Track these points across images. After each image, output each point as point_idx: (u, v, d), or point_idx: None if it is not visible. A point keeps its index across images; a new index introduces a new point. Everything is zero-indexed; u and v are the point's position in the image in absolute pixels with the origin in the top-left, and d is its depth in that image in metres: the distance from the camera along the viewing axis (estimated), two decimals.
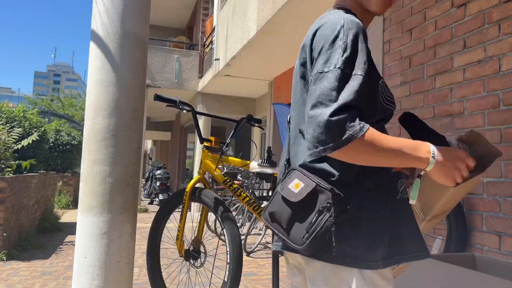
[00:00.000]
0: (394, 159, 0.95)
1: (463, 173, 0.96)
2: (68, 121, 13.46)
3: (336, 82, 0.95)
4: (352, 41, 0.99)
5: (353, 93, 0.94)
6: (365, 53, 1.00)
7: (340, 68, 0.96)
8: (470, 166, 0.98)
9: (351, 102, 0.93)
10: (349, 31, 1.00)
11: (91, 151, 1.99)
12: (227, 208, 2.33)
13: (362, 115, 0.96)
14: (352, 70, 0.97)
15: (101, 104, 1.99)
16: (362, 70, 0.97)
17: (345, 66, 0.97)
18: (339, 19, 1.03)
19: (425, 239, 1.11)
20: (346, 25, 1.01)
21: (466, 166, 0.97)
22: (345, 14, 1.05)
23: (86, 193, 1.99)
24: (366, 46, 1.01)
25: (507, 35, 1.90)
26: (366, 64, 0.98)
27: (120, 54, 2.02)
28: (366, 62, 0.98)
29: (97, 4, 2.04)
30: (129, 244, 2.05)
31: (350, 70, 0.97)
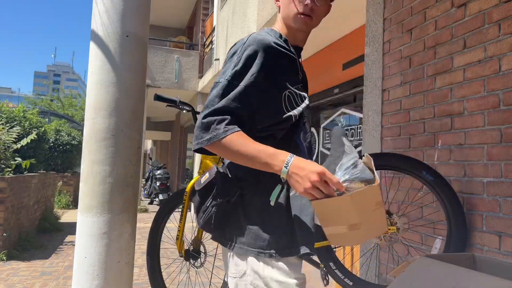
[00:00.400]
0: (250, 162, 1.09)
1: (311, 184, 1.01)
2: (68, 121, 13.46)
3: (221, 91, 1.12)
4: (247, 56, 1.13)
5: (228, 100, 1.10)
6: (259, 66, 1.12)
7: (228, 80, 1.12)
8: (329, 182, 1.01)
9: (224, 108, 1.10)
10: (248, 47, 1.14)
11: (91, 151, 1.99)
12: None
13: (260, 122, 1.15)
14: (239, 82, 1.12)
15: (101, 104, 1.99)
16: (246, 82, 1.12)
17: (233, 77, 1.12)
18: (246, 38, 1.18)
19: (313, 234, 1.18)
20: (247, 42, 1.15)
21: (322, 180, 1.01)
22: (256, 33, 1.19)
23: (86, 193, 1.99)
24: (265, 61, 1.13)
25: (507, 35, 1.90)
26: (254, 77, 1.12)
27: (120, 54, 2.02)
28: (257, 74, 1.12)
29: (97, 4, 2.04)
30: (129, 244, 2.05)
31: (238, 81, 1.12)
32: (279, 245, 1.14)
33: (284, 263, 1.15)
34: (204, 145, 1.10)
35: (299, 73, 1.27)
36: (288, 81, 1.19)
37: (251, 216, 1.17)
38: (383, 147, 2.74)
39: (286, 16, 1.24)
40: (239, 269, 1.18)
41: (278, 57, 1.17)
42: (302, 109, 1.21)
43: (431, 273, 1.13)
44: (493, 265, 1.27)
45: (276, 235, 1.15)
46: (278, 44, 1.18)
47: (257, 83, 1.13)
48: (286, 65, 1.20)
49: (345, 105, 6.13)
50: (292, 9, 1.21)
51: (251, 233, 1.16)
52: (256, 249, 1.14)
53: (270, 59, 1.15)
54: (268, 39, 1.16)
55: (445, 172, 2.19)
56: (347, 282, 2.14)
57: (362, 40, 3.33)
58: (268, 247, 1.14)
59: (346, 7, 4.45)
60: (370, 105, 2.90)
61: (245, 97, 1.11)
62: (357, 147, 5.58)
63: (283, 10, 1.25)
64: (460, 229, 1.95)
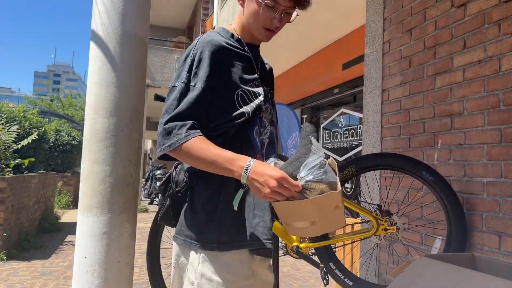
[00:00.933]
0: (209, 167, 1.10)
1: (270, 189, 1.01)
2: (68, 121, 13.46)
3: (178, 94, 1.14)
4: (199, 58, 1.16)
5: (188, 104, 1.12)
6: (211, 67, 1.15)
7: (184, 82, 1.15)
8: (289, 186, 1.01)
9: (183, 112, 1.11)
10: (199, 49, 1.17)
11: (91, 151, 1.99)
12: None
13: (213, 120, 1.16)
14: (195, 84, 1.14)
15: (101, 104, 1.99)
16: (202, 83, 1.14)
17: (188, 80, 1.15)
18: (196, 40, 1.20)
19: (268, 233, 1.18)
20: (198, 44, 1.18)
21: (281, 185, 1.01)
22: (206, 34, 1.21)
23: (86, 193, 1.99)
24: (216, 62, 1.16)
25: (507, 35, 1.90)
26: (208, 78, 1.14)
27: (120, 54, 2.02)
28: (210, 75, 1.14)
29: (97, 4, 2.04)
30: (129, 244, 2.05)
31: (194, 84, 1.14)
32: (222, 239, 1.14)
33: (224, 260, 1.14)
34: (167, 151, 1.11)
35: (255, 70, 1.27)
36: (240, 80, 1.20)
37: (197, 209, 1.18)
38: (383, 147, 2.74)
39: (249, 23, 1.23)
40: (181, 260, 1.23)
41: (229, 57, 1.19)
42: (255, 105, 1.21)
43: (431, 273, 1.13)
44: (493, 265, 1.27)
45: (219, 229, 1.15)
46: (229, 44, 1.20)
47: (210, 83, 1.15)
48: (238, 65, 1.21)
49: (345, 105, 6.13)
50: (258, 21, 1.21)
51: (195, 226, 1.17)
52: (198, 243, 1.15)
53: (221, 59, 1.17)
54: (217, 39, 1.18)
55: (445, 172, 2.19)
56: (347, 282, 2.14)
57: (362, 40, 3.33)
58: (210, 241, 1.14)
59: (346, 7, 4.45)
60: (370, 105, 2.90)
61: (202, 98, 1.14)
62: (357, 147, 5.58)
63: (247, 15, 1.23)
64: (460, 229, 1.95)
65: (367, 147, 2.90)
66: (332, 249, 2.21)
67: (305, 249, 2.20)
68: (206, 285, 1.14)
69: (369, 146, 2.87)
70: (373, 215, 2.06)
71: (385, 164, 2.13)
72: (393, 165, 2.09)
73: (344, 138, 5.99)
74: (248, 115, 1.19)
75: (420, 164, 2.03)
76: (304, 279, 4.30)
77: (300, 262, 4.96)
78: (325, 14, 4.62)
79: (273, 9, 1.18)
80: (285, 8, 1.19)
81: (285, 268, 4.71)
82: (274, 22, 1.20)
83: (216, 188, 1.17)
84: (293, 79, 7.04)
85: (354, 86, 5.64)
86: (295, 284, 4.09)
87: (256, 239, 1.16)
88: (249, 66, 1.25)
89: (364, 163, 2.15)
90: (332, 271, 2.16)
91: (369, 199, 2.80)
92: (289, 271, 4.62)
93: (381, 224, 2.04)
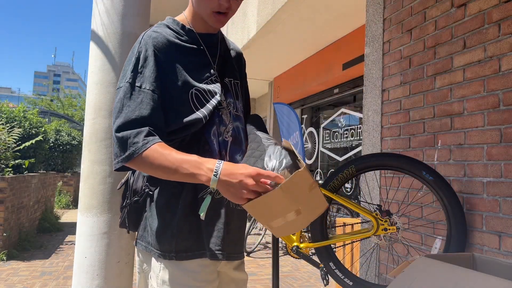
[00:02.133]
0: (173, 175, 1.00)
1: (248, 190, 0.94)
2: (68, 121, 13.46)
3: (123, 95, 1.03)
4: (144, 56, 1.05)
5: (138, 108, 1.01)
6: (157, 66, 1.04)
7: (129, 82, 1.04)
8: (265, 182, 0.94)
9: (135, 117, 1.00)
10: (143, 46, 1.06)
11: (91, 151, 1.99)
12: None
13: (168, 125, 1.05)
14: (141, 84, 1.03)
15: (101, 104, 1.99)
16: (151, 85, 1.03)
17: (133, 80, 1.04)
18: (141, 35, 1.10)
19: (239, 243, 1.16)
20: (143, 41, 1.07)
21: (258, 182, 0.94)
22: (152, 29, 1.11)
23: (86, 193, 1.99)
24: (161, 59, 1.05)
25: (507, 35, 1.90)
26: (155, 78, 1.04)
27: (120, 54, 2.02)
28: (155, 74, 1.04)
29: (97, 4, 2.04)
30: (129, 244, 2.05)
31: (140, 84, 1.04)
32: (180, 247, 1.08)
33: (185, 267, 1.09)
34: (124, 162, 1.01)
35: (211, 64, 1.15)
36: (193, 78, 1.09)
37: (155, 216, 1.10)
38: (383, 147, 2.74)
39: (198, 9, 1.12)
40: (144, 266, 1.17)
41: (177, 54, 1.09)
42: (212, 106, 1.11)
43: (431, 273, 1.13)
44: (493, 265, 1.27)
45: (177, 237, 1.08)
46: (178, 38, 1.10)
47: (157, 83, 1.05)
48: (189, 61, 1.10)
49: (345, 105, 6.13)
50: (205, 5, 1.09)
51: (153, 234, 1.10)
52: (157, 251, 1.09)
53: (167, 57, 1.07)
54: (163, 35, 1.08)
55: (445, 172, 2.19)
56: (347, 282, 2.14)
57: (362, 40, 3.33)
58: (169, 250, 1.08)
59: (346, 7, 4.45)
60: (370, 105, 2.90)
61: (153, 101, 1.03)
62: (357, 147, 5.59)
63: (194, 0, 1.12)
64: (460, 229, 1.95)
65: (367, 147, 2.90)
66: (332, 249, 2.21)
67: (305, 249, 2.20)
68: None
69: (369, 146, 2.87)
70: (373, 215, 2.07)
71: (385, 164, 2.13)
72: (393, 165, 2.10)
73: (344, 138, 5.99)
74: (205, 119, 1.09)
75: (420, 164, 2.03)
76: (304, 279, 4.30)
77: (300, 262, 4.96)
78: (325, 14, 4.62)
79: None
80: None
81: (285, 268, 4.71)
82: (222, 3, 1.08)
83: (175, 191, 1.09)
84: (293, 79, 7.04)
85: (354, 86, 5.64)
86: (295, 284, 4.09)
87: (217, 247, 1.10)
88: (203, 60, 1.13)
89: (364, 163, 2.15)
90: (332, 271, 2.16)
91: (369, 199, 2.80)
92: (289, 271, 4.62)
93: (381, 224, 2.05)
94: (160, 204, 1.10)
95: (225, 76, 1.19)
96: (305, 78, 6.63)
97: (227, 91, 1.18)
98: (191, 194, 1.09)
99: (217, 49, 1.19)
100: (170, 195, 1.10)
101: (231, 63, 1.24)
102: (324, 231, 2.18)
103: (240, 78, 1.27)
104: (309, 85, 6.48)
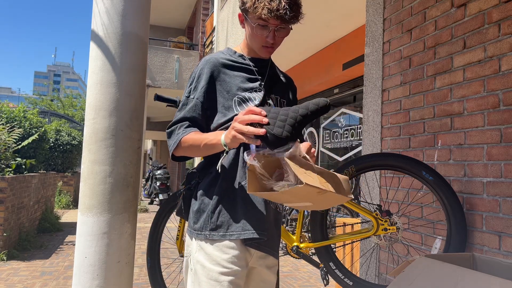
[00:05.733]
0: (203, 149, 1.25)
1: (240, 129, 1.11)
2: (68, 121, 13.46)
3: (181, 106, 1.36)
4: (198, 75, 1.35)
5: (185, 112, 1.32)
6: (208, 81, 1.32)
7: (186, 96, 1.36)
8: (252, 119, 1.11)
9: (182, 118, 1.32)
10: (199, 67, 1.36)
11: (91, 151, 1.99)
12: None
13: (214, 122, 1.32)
14: (194, 96, 1.34)
15: (101, 104, 1.99)
16: (198, 94, 1.33)
17: (189, 94, 1.36)
18: (202, 59, 1.40)
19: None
20: (200, 64, 1.37)
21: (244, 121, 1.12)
22: (208, 55, 1.40)
23: (86, 193, 1.99)
24: (211, 75, 1.33)
25: (507, 35, 1.90)
26: (204, 90, 1.32)
27: (120, 54, 2.02)
28: (207, 88, 1.32)
29: (97, 4, 2.04)
30: (129, 244, 2.05)
31: (193, 96, 1.34)
32: (213, 227, 1.26)
33: (219, 248, 1.24)
34: (173, 149, 1.30)
35: (258, 80, 1.39)
36: (238, 88, 1.34)
37: (196, 200, 1.32)
38: (383, 147, 2.74)
39: (251, 43, 1.39)
40: (188, 249, 1.32)
41: (226, 70, 1.35)
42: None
43: (431, 273, 1.13)
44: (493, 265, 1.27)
45: (211, 218, 1.26)
46: (228, 59, 1.37)
47: (207, 93, 1.32)
48: (237, 75, 1.36)
49: (345, 105, 6.13)
50: (256, 42, 1.36)
51: (193, 216, 1.31)
52: (194, 231, 1.28)
53: (216, 72, 1.34)
54: (215, 57, 1.36)
55: (445, 172, 2.19)
56: (347, 282, 2.14)
57: (362, 40, 3.33)
58: (204, 228, 1.27)
59: (346, 7, 4.46)
60: (370, 105, 2.90)
61: (198, 106, 1.32)
62: (357, 147, 5.58)
63: (247, 36, 1.40)
64: (460, 229, 1.95)
65: (367, 147, 2.90)
66: (332, 249, 2.21)
67: (305, 249, 2.20)
68: (200, 271, 1.24)
69: (369, 146, 2.88)
70: (373, 215, 2.07)
71: (385, 164, 2.13)
72: (393, 165, 2.10)
73: (344, 138, 5.99)
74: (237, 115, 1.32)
75: (420, 164, 2.03)
76: (304, 279, 4.30)
77: (300, 262, 4.97)
78: (325, 14, 4.62)
79: (265, 28, 1.30)
80: (276, 26, 1.30)
81: (285, 268, 4.71)
82: (268, 40, 1.33)
83: (213, 179, 1.30)
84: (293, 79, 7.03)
85: (354, 86, 5.64)
86: (295, 284, 4.09)
87: (249, 229, 1.25)
88: (250, 76, 1.38)
89: (364, 163, 2.15)
90: (332, 271, 2.16)
91: (369, 199, 2.80)
92: (289, 271, 4.62)
93: (381, 224, 2.05)
94: (202, 190, 1.31)
95: (272, 93, 1.43)
96: (305, 78, 6.63)
97: (267, 104, 1.39)
98: (227, 183, 1.29)
99: (266, 70, 1.43)
100: (209, 182, 1.31)
101: (280, 85, 1.48)
102: (324, 231, 2.18)
103: (289, 98, 1.52)
104: (309, 85, 6.48)
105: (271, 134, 1.10)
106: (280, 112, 1.15)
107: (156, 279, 2.62)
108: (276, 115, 1.13)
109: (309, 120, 1.17)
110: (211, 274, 1.22)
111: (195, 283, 1.26)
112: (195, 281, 1.26)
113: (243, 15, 1.35)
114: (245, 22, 1.37)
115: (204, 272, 1.24)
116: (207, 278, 1.23)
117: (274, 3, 1.25)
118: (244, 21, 1.37)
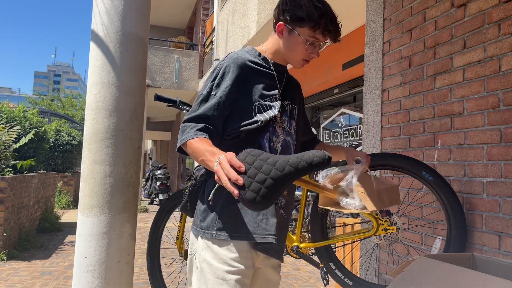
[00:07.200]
0: (200, 162, 1.21)
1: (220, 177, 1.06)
2: (68, 121, 13.46)
3: (199, 100, 1.31)
4: (222, 71, 1.31)
5: (205, 109, 1.28)
6: (233, 81, 1.30)
7: (208, 91, 1.31)
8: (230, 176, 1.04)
9: (200, 115, 1.27)
10: (225, 64, 1.32)
11: (91, 151, 1.99)
12: None
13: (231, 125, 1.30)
14: (216, 93, 1.30)
15: (101, 104, 1.99)
16: (221, 93, 1.29)
17: (211, 89, 1.31)
18: (225, 56, 1.37)
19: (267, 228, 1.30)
20: (226, 60, 1.34)
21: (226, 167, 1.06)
22: (235, 52, 1.38)
23: (86, 193, 1.99)
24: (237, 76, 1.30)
25: (507, 35, 1.90)
26: (228, 90, 1.29)
27: (120, 54, 2.02)
28: (231, 88, 1.29)
29: (97, 4, 2.04)
30: (129, 244, 2.05)
31: (215, 93, 1.30)
32: (221, 227, 1.25)
33: (226, 247, 1.24)
34: (180, 145, 1.27)
35: (277, 87, 1.40)
36: (260, 95, 1.34)
37: (204, 199, 1.31)
38: (382, 147, 2.74)
39: (287, 53, 1.39)
40: (193, 247, 1.33)
41: (250, 73, 1.33)
42: (268, 115, 1.33)
43: (431, 273, 1.13)
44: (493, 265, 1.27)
45: (219, 217, 1.26)
46: (253, 62, 1.35)
47: (230, 94, 1.29)
48: (260, 81, 1.35)
49: (345, 105, 6.13)
50: (296, 55, 1.38)
51: (200, 214, 1.30)
52: (201, 230, 1.28)
53: (242, 74, 1.31)
54: (242, 57, 1.33)
55: (445, 172, 2.19)
56: (347, 282, 2.14)
57: (362, 40, 3.33)
58: (211, 227, 1.26)
59: (346, 7, 4.45)
60: (370, 105, 2.90)
61: (220, 106, 1.29)
62: (357, 147, 5.58)
63: (286, 47, 1.39)
64: (460, 229, 1.95)
65: (367, 147, 2.90)
66: (332, 249, 2.21)
67: (305, 249, 2.20)
68: (207, 269, 1.24)
69: (369, 146, 2.88)
70: (373, 215, 2.06)
71: (385, 164, 2.13)
72: (393, 165, 2.09)
73: (344, 138, 5.99)
74: (261, 122, 1.31)
75: (420, 164, 2.03)
76: (304, 279, 4.30)
77: (300, 262, 4.96)
78: None
79: (314, 45, 1.36)
80: (323, 42, 1.37)
81: (285, 268, 4.71)
82: (313, 55, 1.38)
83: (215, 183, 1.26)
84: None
85: (354, 86, 5.64)
86: (295, 284, 4.09)
87: (259, 233, 1.25)
88: (272, 83, 1.39)
89: None
90: (332, 271, 2.16)
91: None
92: (289, 271, 4.62)
93: (381, 224, 2.04)
94: (209, 189, 1.29)
95: (285, 99, 1.44)
96: (305, 78, 6.63)
97: (284, 111, 1.41)
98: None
99: (283, 77, 1.45)
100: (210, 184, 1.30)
101: (292, 91, 1.50)
102: (324, 231, 2.18)
103: (298, 104, 1.53)
104: (309, 85, 6.48)
105: (242, 198, 1.01)
106: (263, 167, 1.04)
107: (156, 279, 2.62)
108: (256, 172, 1.03)
109: (297, 177, 1.06)
110: (218, 273, 1.23)
111: (201, 281, 1.26)
112: (201, 279, 1.26)
113: (289, 27, 1.36)
114: (290, 34, 1.37)
115: (210, 270, 1.24)
116: (214, 276, 1.23)
117: (333, 26, 1.34)
118: (288, 32, 1.37)
